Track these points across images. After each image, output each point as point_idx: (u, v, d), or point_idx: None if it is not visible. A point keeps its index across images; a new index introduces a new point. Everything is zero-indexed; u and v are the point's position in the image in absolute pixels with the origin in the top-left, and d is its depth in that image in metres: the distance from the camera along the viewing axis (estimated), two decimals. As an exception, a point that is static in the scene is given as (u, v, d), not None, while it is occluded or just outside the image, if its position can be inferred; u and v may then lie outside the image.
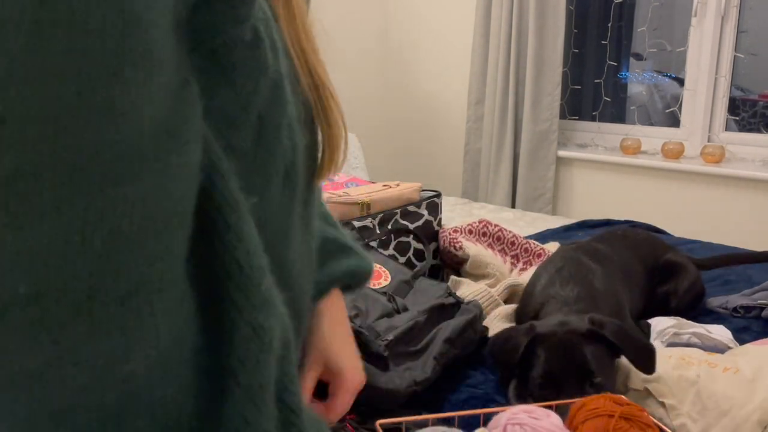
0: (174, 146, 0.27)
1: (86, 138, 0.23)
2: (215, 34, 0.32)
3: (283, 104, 0.39)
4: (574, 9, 2.95)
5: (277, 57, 0.38)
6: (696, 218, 2.55)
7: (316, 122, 0.46)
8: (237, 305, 0.30)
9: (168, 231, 0.27)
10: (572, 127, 3.02)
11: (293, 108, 0.41)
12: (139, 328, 0.26)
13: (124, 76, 0.24)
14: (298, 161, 0.42)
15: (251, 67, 0.35)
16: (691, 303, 1.35)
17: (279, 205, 0.40)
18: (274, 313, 0.32)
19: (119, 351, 0.26)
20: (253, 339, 0.30)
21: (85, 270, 0.24)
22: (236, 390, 0.30)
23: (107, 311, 0.25)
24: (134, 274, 0.26)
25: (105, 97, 0.23)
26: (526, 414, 0.72)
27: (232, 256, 0.31)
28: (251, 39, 0.34)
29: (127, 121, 0.24)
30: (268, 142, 0.38)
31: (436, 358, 1.07)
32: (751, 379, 0.94)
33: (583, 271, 1.23)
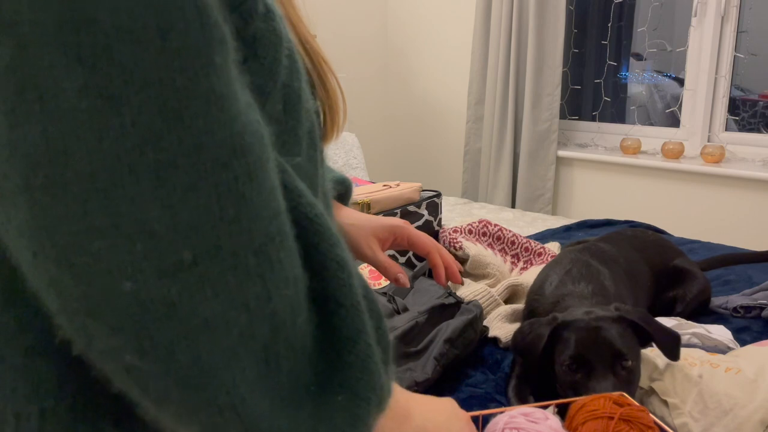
0: (256, 118, 0.32)
1: (201, 123, 0.28)
2: (233, 11, 0.35)
3: (300, 71, 0.42)
4: (574, 9, 2.95)
5: (285, 27, 0.41)
6: (696, 218, 2.54)
7: (315, 87, 0.49)
8: (319, 248, 0.36)
9: (276, 189, 0.32)
10: (572, 127, 3.02)
11: (304, 73, 0.44)
12: (271, 273, 0.31)
13: (216, 64, 0.28)
14: (316, 122, 0.46)
15: (269, 39, 0.37)
16: (696, 309, 1.35)
17: (308, 165, 0.44)
18: (343, 245, 0.38)
19: (264, 294, 0.31)
20: (339, 269, 0.36)
21: (225, 233, 0.29)
22: (341, 311, 0.36)
23: (248, 263, 0.30)
24: (262, 230, 0.31)
25: (207, 87, 0.28)
26: (524, 417, 0.71)
27: (299, 210, 0.36)
28: (264, 11, 0.37)
29: (228, 102, 0.29)
30: (293, 107, 0.41)
31: (436, 359, 1.07)
32: (753, 379, 0.94)
33: (593, 271, 1.23)
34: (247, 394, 0.31)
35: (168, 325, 0.29)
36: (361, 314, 0.37)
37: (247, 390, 0.31)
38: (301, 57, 0.46)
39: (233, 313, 0.30)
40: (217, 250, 0.29)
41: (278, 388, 0.33)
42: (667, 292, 1.37)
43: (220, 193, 0.29)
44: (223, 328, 0.30)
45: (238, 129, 0.29)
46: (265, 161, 0.32)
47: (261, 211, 0.31)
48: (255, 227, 0.30)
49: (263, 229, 0.31)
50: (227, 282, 0.29)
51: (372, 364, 0.37)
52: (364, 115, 3.39)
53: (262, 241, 0.31)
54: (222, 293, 0.29)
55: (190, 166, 0.28)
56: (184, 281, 0.28)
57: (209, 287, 0.29)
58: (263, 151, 0.31)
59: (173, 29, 0.27)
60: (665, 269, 1.40)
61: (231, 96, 0.29)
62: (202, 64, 0.28)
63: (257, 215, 0.31)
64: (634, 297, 1.28)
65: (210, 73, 0.28)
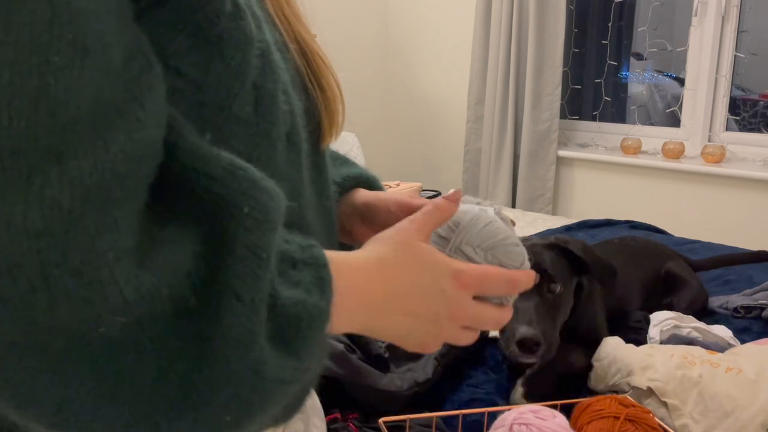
0: (121, 125, 0.28)
1: (23, 123, 0.25)
2: (196, 10, 0.34)
3: (275, 71, 0.40)
4: (574, 8, 2.95)
5: (261, 26, 0.39)
6: (696, 218, 2.54)
7: (309, 88, 0.48)
8: (229, 230, 0.32)
9: (112, 204, 0.27)
10: (572, 127, 3.02)
11: (286, 74, 0.43)
12: (99, 297, 0.27)
13: (55, 63, 0.25)
14: (297, 124, 0.44)
15: (237, 38, 0.36)
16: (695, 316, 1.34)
17: (287, 166, 0.42)
18: (271, 234, 0.33)
19: (89, 317, 0.27)
20: (250, 257, 0.32)
21: (32, 248, 0.25)
22: (237, 305, 0.31)
23: (65, 285, 0.26)
24: (80, 248, 0.26)
25: (38, 84, 0.25)
26: (533, 414, 0.71)
27: (213, 191, 0.32)
28: (232, 10, 0.36)
29: (62, 104, 0.26)
30: (266, 109, 0.39)
31: (437, 359, 1.07)
32: (754, 380, 0.93)
33: None
34: (83, 413, 0.28)
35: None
36: (259, 314, 0.32)
37: (85, 409, 0.28)
38: (292, 57, 0.45)
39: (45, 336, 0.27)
40: (21, 267, 0.25)
41: (130, 404, 0.29)
42: (661, 299, 1.36)
43: (27, 200, 0.25)
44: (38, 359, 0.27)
45: (68, 131, 0.26)
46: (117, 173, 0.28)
47: (82, 221, 0.27)
48: (71, 243, 0.26)
49: (83, 244, 0.27)
50: (37, 305, 0.26)
51: (263, 383, 0.32)
52: (363, 115, 3.38)
53: (84, 260, 0.27)
54: (25, 313, 0.26)
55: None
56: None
57: (10, 309, 0.26)
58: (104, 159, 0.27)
59: (15, 16, 0.24)
60: (658, 276, 1.39)
61: (68, 97, 0.26)
62: (37, 62, 0.25)
63: (74, 227, 0.26)
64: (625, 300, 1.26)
65: (45, 72, 0.25)
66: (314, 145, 0.50)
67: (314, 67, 0.48)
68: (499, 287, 0.51)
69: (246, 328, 0.31)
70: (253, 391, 0.32)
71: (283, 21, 0.45)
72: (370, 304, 0.43)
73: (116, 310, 0.28)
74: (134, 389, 0.29)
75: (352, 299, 0.42)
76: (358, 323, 0.44)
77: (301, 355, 0.35)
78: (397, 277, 0.45)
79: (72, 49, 0.26)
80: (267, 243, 0.33)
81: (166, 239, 0.30)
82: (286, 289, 0.34)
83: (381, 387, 0.96)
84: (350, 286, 0.41)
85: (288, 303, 0.34)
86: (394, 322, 0.45)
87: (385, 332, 0.46)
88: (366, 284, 0.43)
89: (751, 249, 1.87)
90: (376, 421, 0.87)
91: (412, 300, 0.45)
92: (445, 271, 0.47)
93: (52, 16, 0.25)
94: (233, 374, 0.31)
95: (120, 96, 0.28)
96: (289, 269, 0.36)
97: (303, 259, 0.37)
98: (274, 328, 0.33)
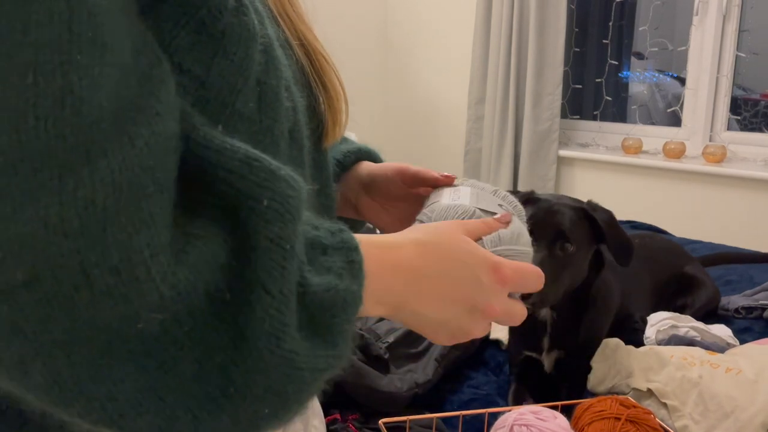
0: (143, 119, 0.28)
1: (50, 124, 0.25)
2: (199, 5, 0.34)
3: (278, 67, 0.40)
4: (575, 8, 2.94)
5: (263, 22, 0.39)
6: (697, 218, 2.54)
7: (313, 86, 0.48)
8: (248, 224, 0.31)
9: (146, 199, 0.28)
10: (573, 127, 3.02)
11: (288, 70, 0.42)
12: (137, 294, 0.27)
13: (79, 62, 0.25)
14: (300, 121, 0.44)
15: (240, 34, 0.36)
16: (702, 318, 1.34)
17: (289, 163, 0.42)
18: (293, 225, 0.33)
19: (128, 314, 0.27)
20: (273, 249, 0.31)
21: (71, 249, 0.25)
22: (266, 298, 0.31)
23: (106, 283, 0.26)
24: (118, 246, 0.27)
25: (62, 84, 0.25)
26: (533, 415, 0.71)
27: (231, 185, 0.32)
28: (235, 5, 0.36)
29: (86, 103, 0.26)
30: (269, 106, 0.39)
31: (437, 360, 1.07)
32: (753, 380, 0.93)
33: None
34: (127, 408, 0.29)
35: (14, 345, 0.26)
36: (289, 305, 0.32)
37: (128, 403, 0.29)
38: (294, 53, 0.45)
39: (87, 340, 0.27)
40: (60, 269, 0.26)
41: (171, 395, 0.29)
42: (676, 299, 1.37)
43: (61, 201, 0.25)
44: (81, 341, 0.27)
45: (96, 129, 0.26)
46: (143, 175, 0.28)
47: (118, 218, 0.27)
48: (109, 240, 0.27)
49: (121, 241, 0.27)
50: (77, 304, 0.26)
51: (297, 373, 0.33)
52: (363, 114, 3.38)
53: (123, 257, 0.27)
54: (75, 313, 0.27)
55: (25, 169, 0.24)
56: (19, 303, 0.26)
57: (57, 308, 0.26)
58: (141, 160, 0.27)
59: (34, 16, 0.24)
60: (674, 276, 1.39)
61: (93, 100, 0.26)
62: (60, 62, 0.25)
63: (112, 224, 0.27)
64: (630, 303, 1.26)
65: (68, 71, 0.25)
66: (316, 143, 0.50)
67: (317, 66, 0.48)
68: (534, 283, 0.50)
69: (277, 320, 0.31)
70: (288, 382, 0.32)
71: (285, 20, 0.45)
72: (401, 284, 0.42)
73: (153, 307, 0.28)
74: (175, 383, 0.29)
75: (382, 280, 0.41)
76: (389, 304, 0.43)
77: (336, 341, 0.35)
78: (432, 258, 0.44)
79: (92, 47, 0.26)
80: (290, 234, 0.32)
81: (198, 233, 0.30)
82: (316, 276, 0.34)
83: (381, 388, 0.96)
84: (380, 267, 0.40)
85: (319, 290, 0.34)
86: (426, 308, 0.44)
87: (416, 318, 0.45)
88: (397, 264, 0.42)
89: (751, 249, 1.87)
90: (376, 422, 0.86)
91: (446, 284, 0.44)
92: (483, 262, 0.46)
93: (71, 14, 0.25)
94: (267, 367, 0.31)
95: (137, 91, 0.28)
96: (319, 256, 0.35)
97: (333, 245, 0.36)
98: (306, 318, 0.33)
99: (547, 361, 1.12)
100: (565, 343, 1.10)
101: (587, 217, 1.03)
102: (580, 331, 1.09)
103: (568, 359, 1.10)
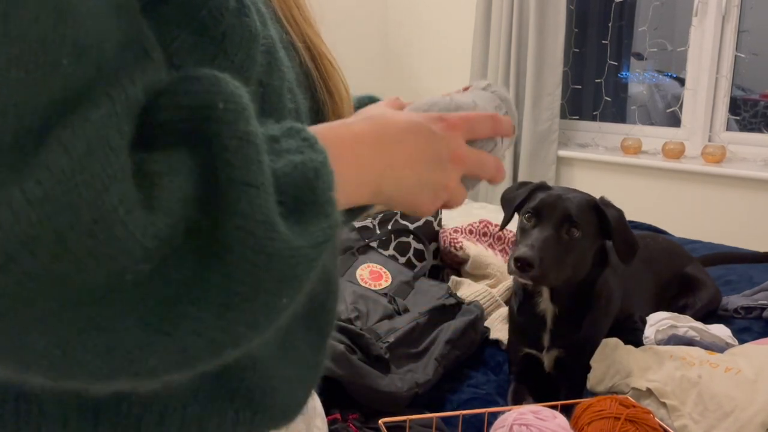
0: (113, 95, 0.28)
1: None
2: (199, 7, 0.34)
3: (281, 69, 0.40)
4: (574, 8, 2.95)
5: (265, 23, 0.39)
6: (696, 218, 2.54)
7: (317, 91, 0.47)
8: (212, 132, 0.31)
9: (111, 155, 0.27)
10: (573, 127, 3.02)
11: (291, 72, 0.42)
12: (120, 252, 0.27)
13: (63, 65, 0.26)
14: (303, 123, 0.43)
15: (241, 35, 0.36)
16: (703, 318, 1.35)
17: None
18: (252, 123, 0.32)
19: (116, 270, 0.27)
20: (244, 146, 0.31)
21: (41, 217, 0.25)
22: (250, 191, 0.30)
23: (84, 245, 0.26)
24: (90, 206, 0.26)
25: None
26: (533, 415, 0.71)
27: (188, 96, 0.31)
28: (236, 6, 0.36)
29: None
30: (273, 107, 0.39)
31: (437, 360, 1.07)
32: (753, 380, 0.93)
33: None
34: (136, 353, 0.29)
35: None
36: (272, 195, 0.32)
37: (136, 348, 0.29)
38: (298, 55, 0.45)
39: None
40: (31, 238, 0.25)
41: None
42: (678, 300, 1.37)
43: (22, 178, 0.25)
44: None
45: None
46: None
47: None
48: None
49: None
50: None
51: (300, 254, 0.32)
52: (364, 114, 3.39)
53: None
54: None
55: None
56: (2, 284, 0.25)
57: None
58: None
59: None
60: (676, 277, 1.40)
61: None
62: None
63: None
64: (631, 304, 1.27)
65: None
66: None
67: (322, 70, 0.48)
68: (485, 127, 0.50)
69: (266, 208, 0.31)
70: (295, 265, 0.32)
71: (291, 23, 0.45)
72: (369, 154, 0.43)
73: (139, 259, 0.27)
74: (177, 316, 0.29)
75: (348, 153, 0.41)
76: (370, 183, 0.43)
77: (326, 211, 0.34)
78: (384, 127, 0.44)
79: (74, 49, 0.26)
80: (254, 128, 0.32)
81: (159, 170, 0.29)
82: (278, 161, 0.34)
83: (381, 388, 0.96)
84: (340, 140, 0.41)
85: (288, 171, 0.33)
86: (402, 173, 0.44)
87: (398, 189, 0.45)
88: (357, 136, 0.42)
89: (751, 249, 1.87)
90: (376, 422, 0.87)
91: (408, 146, 0.45)
92: (427, 118, 0.47)
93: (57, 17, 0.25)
94: (270, 258, 0.31)
95: (108, 80, 0.28)
96: (273, 145, 0.35)
97: (282, 133, 0.36)
98: (291, 200, 0.33)
99: (547, 359, 1.12)
100: (566, 340, 1.10)
101: (598, 211, 1.06)
102: (581, 329, 1.09)
103: (567, 358, 1.10)
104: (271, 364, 0.43)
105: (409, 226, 1.57)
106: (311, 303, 0.47)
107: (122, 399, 0.37)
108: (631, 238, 1.07)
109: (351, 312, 1.13)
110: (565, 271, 1.01)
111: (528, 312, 1.11)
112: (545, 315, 1.10)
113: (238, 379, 0.41)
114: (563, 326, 1.10)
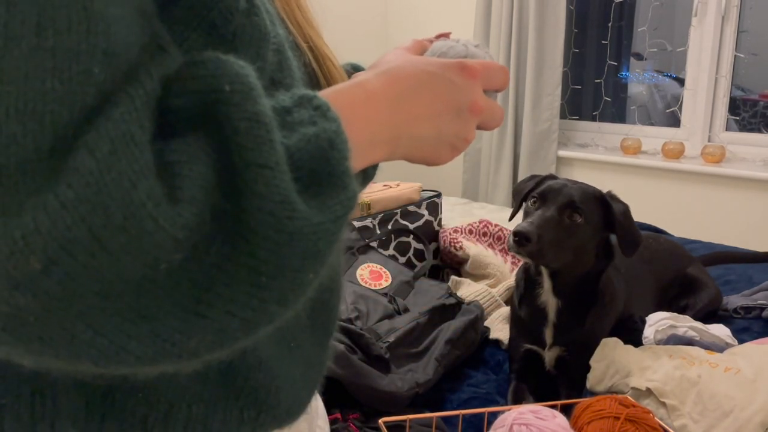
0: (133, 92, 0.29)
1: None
2: (210, 7, 0.34)
3: (291, 68, 0.40)
4: (574, 9, 2.95)
5: (274, 22, 0.40)
6: (696, 218, 2.54)
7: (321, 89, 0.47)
8: (222, 114, 0.31)
9: (138, 150, 0.28)
10: (572, 127, 3.02)
11: (299, 72, 0.43)
12: (152, 246, 0.28)
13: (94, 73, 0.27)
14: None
15: (251, 35, 0.36)
16: (703, 319, 1.35)
17: None
18: (262, 102, 0.32)
19: (150, 263, 0.28)
20: (255, 126, 0.31)
21: (75, 218, 0.26)
22: (265, 172, 0.31)
23: (118, 242, 0.27)
24: (120, 203, 0.27)
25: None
26: (533, 414, 0.71)
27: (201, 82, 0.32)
28: (246, 6, 0.36)
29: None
30: None
31: (437, 360, 1.07)
32: (752, 379, 0.93)
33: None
34: (176, 337, 0.30)
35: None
36: (287, 173, 0.32)
37: (175, 332, 0.29)
38: (302, 56, 0.46)
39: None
40: (69, 240, 0.26)
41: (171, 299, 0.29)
42: (679, 300, 1.38)
43: (57, 182, 0.26)
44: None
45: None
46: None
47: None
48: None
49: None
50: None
51: (321, 230, 0.32)
52: (364, 114, 3.39)
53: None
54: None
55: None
56: (46, 285, 0.26)
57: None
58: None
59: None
60: (677, 277, 1.40)
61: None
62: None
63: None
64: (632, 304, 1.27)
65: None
66: None
67: (326, 71, 0.48)
68: (499, 78, 0.50)
69: (282, 188, 0.31)
70: (317, 240, 0.32)
71: (294, 25, 0.45)
72: (384, 113, 0.42)
73: (171, 250, 0.28)
74: (211, 298, 0.30)
75: (362, 114, 0.40)
76: (385, 141, 0.43)
77: (344, 182, 0.34)
78: (399, 80, 0.43)
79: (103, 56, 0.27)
80: (263, 108, 0.32)
81: (179, 160, 0.30)
82: (293, 136, 0.34)
83: (381, 388, 0.96)
84: (353, 104, 0.40)
85: (302, 145, 0.33)
86: (419, 128, 0.44)
87: (415, 144, 0.45)
88: (369, 95, 0.42)
89: (751, 249, 1.87)
90: (377, 422, 0.87)
91: (425, 97, 0.44)
92: (448, 65, 0.45)
93: (89, 25, 0.26)
94: (292, 236, 0.31)
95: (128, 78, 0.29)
96: (285, 117, 0.35)
97: (294, 103, 0.36)
98: (306, 175, 0.33)
99: (548, 356, 1.12)
100: (569, 337, 1.10)
101: (603, 203, 1.08)
102: (584, 326, 1.09)
103: (568, 357, 1.10)
104: (276, 363, 0.44)
105: (409, 226, 1.58)
106: (318, 297, 0.48)
107: (128, 397, 0.38)
108: (635, 232, 1.09)
109: (351, 312, 1.13)
110: (564, 253, 1.02)
111: (530, 304, 1.12)
112: (547, 308, 1.10)
113: (243, 379, 0.42)
114: (566, 321, 1.10)
